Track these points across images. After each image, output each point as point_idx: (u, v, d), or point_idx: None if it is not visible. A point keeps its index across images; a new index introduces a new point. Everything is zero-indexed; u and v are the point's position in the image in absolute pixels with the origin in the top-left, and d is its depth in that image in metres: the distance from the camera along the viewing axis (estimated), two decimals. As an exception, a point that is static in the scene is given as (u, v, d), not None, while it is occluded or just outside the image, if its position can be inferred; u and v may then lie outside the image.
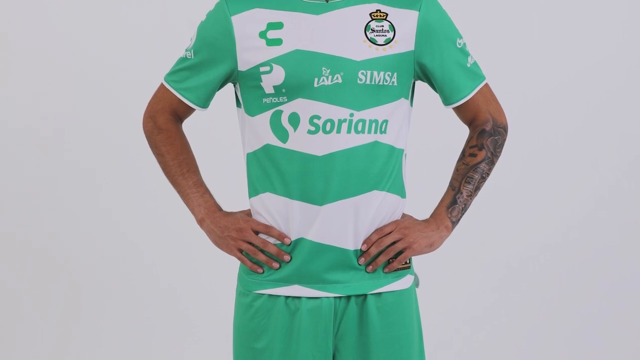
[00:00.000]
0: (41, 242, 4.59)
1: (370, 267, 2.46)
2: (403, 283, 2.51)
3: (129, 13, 4.51)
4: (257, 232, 2.48)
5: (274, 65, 2.38)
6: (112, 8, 4.50)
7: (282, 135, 2.41)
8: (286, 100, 2.39)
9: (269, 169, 2.44)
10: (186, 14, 3.70)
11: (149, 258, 4.64)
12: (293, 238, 2.45)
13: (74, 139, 4.54)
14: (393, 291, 2.49)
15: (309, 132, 2.38)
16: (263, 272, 2.49)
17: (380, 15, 2.40)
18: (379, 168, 2.42)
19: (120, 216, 4.60)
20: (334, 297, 2.45)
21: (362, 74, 2.37)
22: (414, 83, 2.52)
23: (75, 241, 4.60)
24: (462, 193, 2.53)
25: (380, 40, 2.39)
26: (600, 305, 4.75)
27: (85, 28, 4.50)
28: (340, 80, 2.37)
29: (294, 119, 2.39)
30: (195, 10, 2.94)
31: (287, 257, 2.45)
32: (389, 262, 2.49)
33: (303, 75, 2.37)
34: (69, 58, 4.49)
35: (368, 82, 2.38)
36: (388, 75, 2.39)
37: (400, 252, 2.48)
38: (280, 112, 2.40)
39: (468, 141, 2.57)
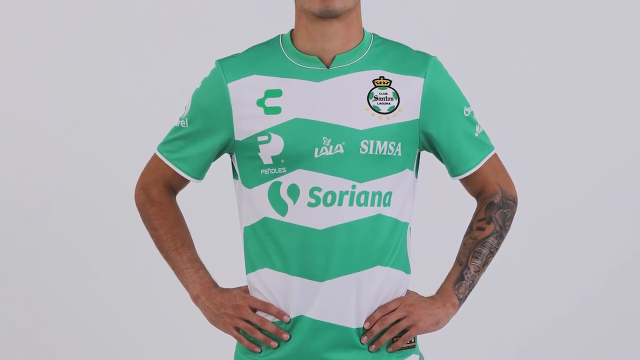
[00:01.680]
0: (23, 321, 4.51)
1: (374, 346, 2.41)
2: (408, 363, 2.46)
3: (121, 81, 4.50)
4: (254, 310, 2.43)
5: (272, 134, 2.34)
6: (101, 76, 4.49)
7: (281, 208, 2.37)
8: (285, 171, 2.35)
9: (267, 244, 2.39)
10: (180, 81, 3.66)
11: (140, 338, 4.57)
12: (292, 316, 2.40)
13: (61, 211, 4.49)
14: (397, 371, 2.43)
15: (309, 204, 2.34)
16: (261, 351, 2.43)
17: (384, 82, 2.37)
18: (383, 242, 2.38)
19: (110, 295, 4.52)
20: (335, 377, 2.40)
21: (365, 143, 2.34)
22: (419, 153, 2.48)
23: (59, 321, 4.51)
24: (469, 269, 2.48)
25: (384, 108, 2.36)
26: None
27: (74, 97, 4.48)
28: (341, 151, 2.33)
29: (294, 191, 2.35)
30: (189, 77, 2.90)
31: (286, 336, 2.40)
32: (392, 341, 2.43)
33: (303, 145, 2.33)
34: (56, 128, 4.47)
35: (371, 152, 2.34)
36: (392, 145, 2.35)
37: (404, 331, 2.43)
38: (279, 183, 2.36)
39: (476, 214, 2.53)
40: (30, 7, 4.42)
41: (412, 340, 2.46)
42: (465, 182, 2.51)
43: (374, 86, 2.36)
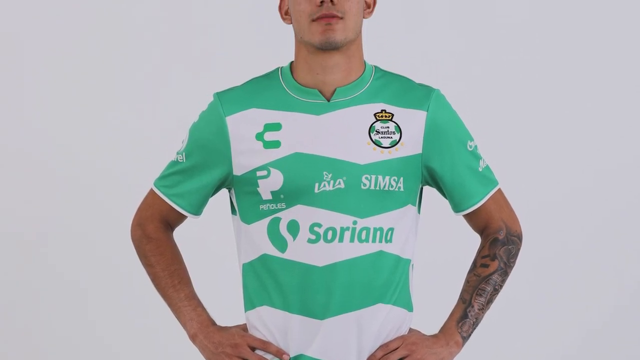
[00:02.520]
0: (21, 354, 4.46)
1: (375, 385, 2.38)
2: (410, 403, 2.42)
3: (118, 114, 4.48)
4: (253, 349, 2.40)
5: (271, 169, 2.32)
6: (99, 108, 4.47)
7: (281, 244, 2.35)
8: (285, 206, 2.33)
9: (266, 281, 2.37)
10: (178, 114, 3.64)
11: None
12: (292, 354, 2.37)
13: (58, 245, 4.46)
14: (399, 412, 2.40)
15: (310, 241, 2.32)
16: (260, 390, 2.41)
17: (386, 116, 2.35)
18: (384, 279, 2.35)
19: (107, 330, 4.49)
20: (336, 417, 2.36)
21: (366, 178, 2.31)
22: (422, 188, 2.45)
23: (57, 355, 4.47)
24: (473, 306, 2.45)
25: (386, 142, 2.34)
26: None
27: (71, 130, 4.46)
28: (342, 186, 2.31)
29: (293, 227, 2.33)
30: (187, 110, 2.88)
31: (285, 375, 2.38)
32: (395, 380, 2.40)
33: (303, 180, 2.31)
34: (53, 161, 4.45)
35: (372, 187, 2.32)
36: (394, 180, 2.33)
37: (407, 370, 2.40)
38: (279, 219, 2.34)
39: (480, 251, 2.49)
40: (25, 37, 4.42)
41: (415, 380, 2.41)
42: (469, 218, 2.48)
43: (375, 120, 2.34)
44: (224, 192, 2.47)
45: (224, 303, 2.98)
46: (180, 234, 2.55)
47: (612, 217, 4.61)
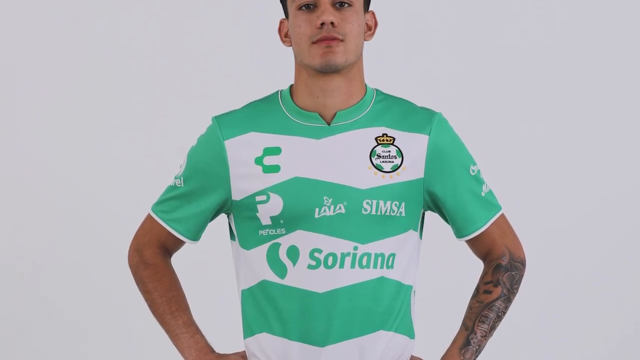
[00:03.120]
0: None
1: (376, 414, 2.36)
2: None
3: (114, 139, 4.47)
4: None
5: (271, 194, 2.31)
6: (93, 134, 4.46)
7: (280, 270, 2.33)
8: (284, 232, 2.31)
9: (265, 307, 2.35)
10: (175, 139, 3.62)
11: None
12: None
13: (52, 276, 4.44)
14: None
15: (310, 266, 2.30)
16: (259, 420, 2.38)
17: (387, 140, 2.33)
18: (386, 306, 2.34)
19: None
20: None
21: (367, 203, 2.30)
22: (424, 213, 2.44)
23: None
24: (476, 333, 2.43)
25: (387, 167, 2.32)
26: None
27: (66, 157, 4.45)
28: (343, 211, 2.29)
29: (293, 253, 2.31)
30: (184, 135, 2.86)
31: (285, 404, 2.36)
32: (396, 409, 2.37)
33: (303, 205, 2.30)
34: (47, 189, 4.44)
35: (374, 212, 2.30)
36: (395, 205, 2.31)
37: (408, 398, 2.38)
38: (278, 245, 2.32)
39: (482, 277, 2.47)
40: (18, 60, 4.42)
41: (417, 409, 2.40)
42: (472, 243, 2.47)
43: (376, 144, 2.33)
44: (222, 217, 2.45)
45: (223, 330, 2.97)
46: (178, 260, 2.54)
47: (618, 242, 4.61)
